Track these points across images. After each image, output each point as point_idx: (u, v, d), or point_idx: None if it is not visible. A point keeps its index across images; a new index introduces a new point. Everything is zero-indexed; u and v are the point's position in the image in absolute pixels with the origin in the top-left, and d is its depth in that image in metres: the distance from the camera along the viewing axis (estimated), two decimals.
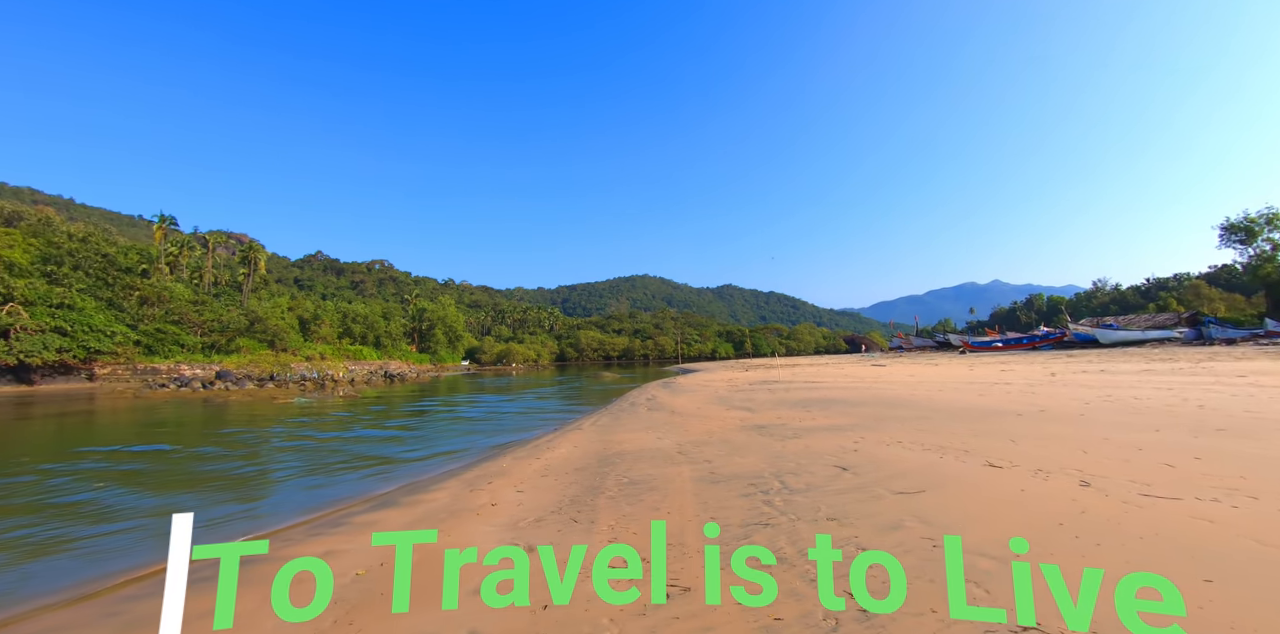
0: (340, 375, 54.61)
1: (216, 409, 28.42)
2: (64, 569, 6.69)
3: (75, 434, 20.17)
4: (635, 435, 13.85)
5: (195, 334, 60.49)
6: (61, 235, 61.44)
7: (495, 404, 30.42)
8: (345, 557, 6.28)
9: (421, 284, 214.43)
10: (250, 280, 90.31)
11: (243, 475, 12.25)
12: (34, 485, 11.44)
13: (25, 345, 43.76)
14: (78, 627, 4.95)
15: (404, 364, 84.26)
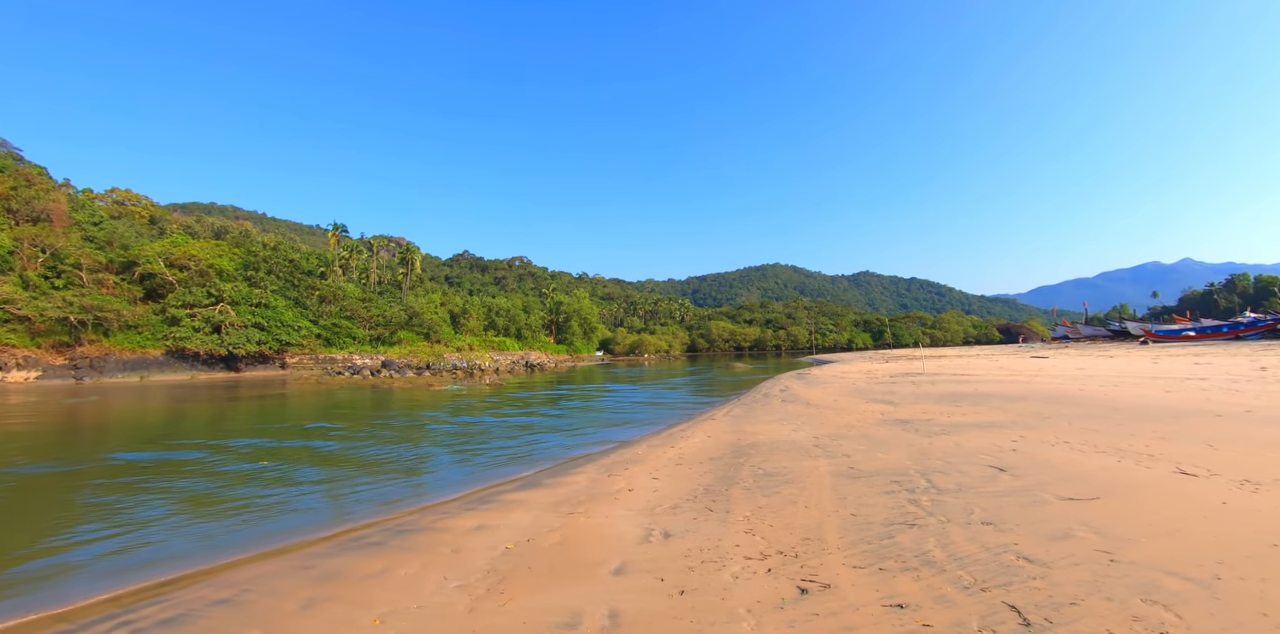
0: (486, 365, 58.54)
1: (383, 394, 31.47)
2: (266, 528, 7.72)
3: (273, 413, 23.16)
4: (769, 427, 13.62)
5: (364, 328, 67.48)
6: (257, 245, 71.20)
7: (629, 393, 31.17)
8: (495, 531, 6.73)
9: (558, 278, 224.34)
10: (408, 279, 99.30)
11: (405, 454, 13.47)
12: (238, 456, 13.31)
13: (233, 338, 51.15)
14: (279, 576, 5.70)
15: (543, 354, 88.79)
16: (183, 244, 56.92)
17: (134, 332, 48.30)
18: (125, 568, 6.54)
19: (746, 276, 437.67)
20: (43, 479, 11.34)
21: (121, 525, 7.99)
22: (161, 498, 9.44)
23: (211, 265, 54.97)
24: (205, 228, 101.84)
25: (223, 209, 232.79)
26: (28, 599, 5.67)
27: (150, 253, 53.40)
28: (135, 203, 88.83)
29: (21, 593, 5.82)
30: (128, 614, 4.99)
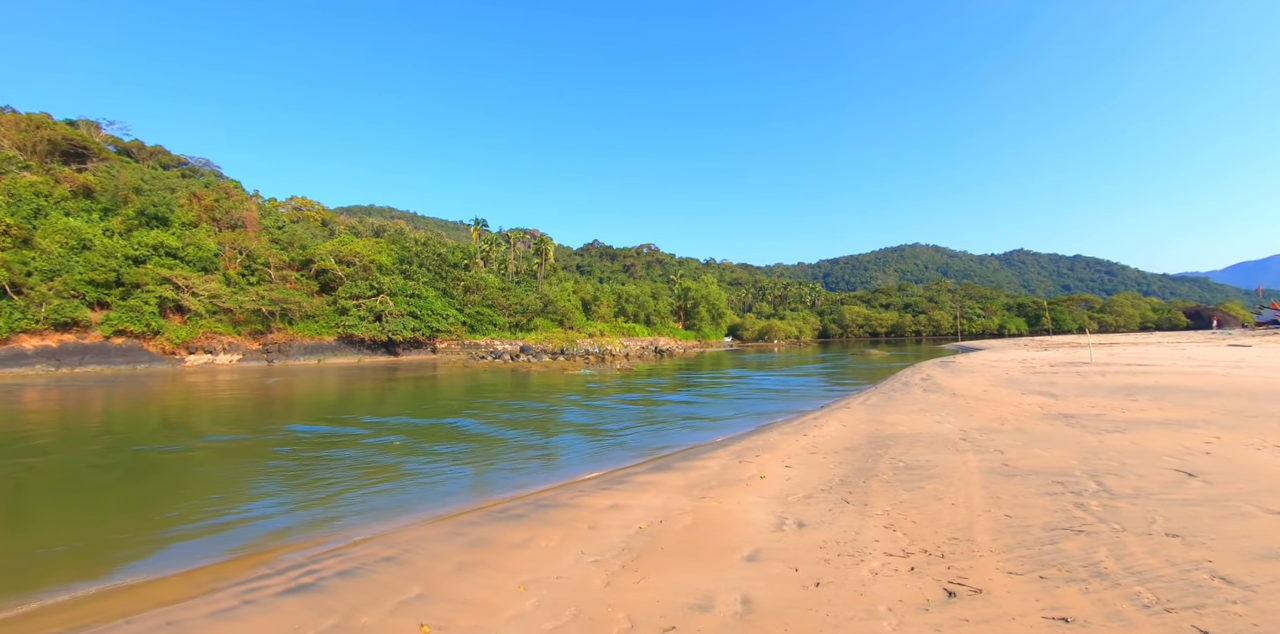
0: (617, 350, 60.17)
1: (521, 377, 33.33)
2: (421, 496, 8.47)
3: (426, 393, 25.29)
4: (910, 417, 12.89)
5: (503, 315, 71.78)
6: (410, 241, 77.83)
7: (758, 379, 30.76)
8: (629, 511, 6.93)
9: (685, 264, 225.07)
10: (542, 268, 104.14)
11: (542, 433, 14.19)
12: (398, 431, 14.68)
13: (392, 326, 56.42)
14: (436, 541, 6.25)
15: (671, 340, 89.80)
16: (349, 243, 63.36)
17: (312, 320, 54.58)
18: (307, 524, 7.49)
19: (882, 258, 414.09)
20: (239, 445, 13.19)
21: (302, 488, 9.12)
22: (334, 466, 10.63)
23: (373, 261, 60.74)
24: (366, 228, 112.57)
25: (380, 210, 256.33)
26: (230, 543, 6.67)
27: (323, 251, 59.97)
28: (310, 208, 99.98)
29: (226, 538, 6.85)
30: (313, 564, 5.73)
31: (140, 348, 44.24)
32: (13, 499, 9.12)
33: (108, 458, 12.31)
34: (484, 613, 4.33)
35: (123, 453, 12.83)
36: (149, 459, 12.32)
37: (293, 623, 4.34)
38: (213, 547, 6.79)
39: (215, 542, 6.96)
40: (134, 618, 4.71)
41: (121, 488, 9.77)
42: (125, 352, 43.38)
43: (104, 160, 61.98)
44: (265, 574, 5.59)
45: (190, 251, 50.68)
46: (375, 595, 4.76)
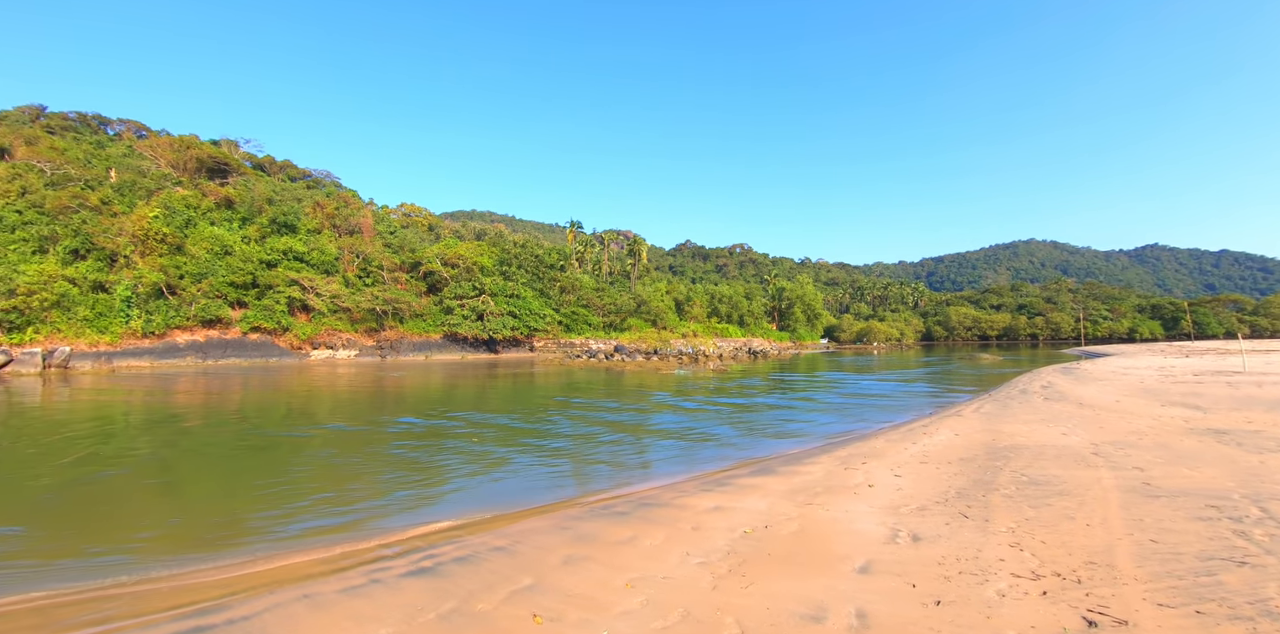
0: (710, 351, 59.82)
1: (616, 376, 33.78)
2: (524, 487, 8.73)
3: (524, 390, 26.14)
4: (1030, 428, 11.99)
5: (598, 315, 73.11)
6: (509, 244, 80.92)
7: (857, 383, 29.65)
8: (733, 514, 6.84)
9: (779, 264, 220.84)
10: (635, 269, 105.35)
11: (638, 432, 14.28)
12: (499, 425, 15.23)
13: (492, 325, 58.84)
14: (543, 533, 6.44)
15: (765, 341, 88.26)
16: (453, 246, 66.64)
17: (420, 319, 57.79)
18: (420, 509, 7.91)
19: (993, 255, 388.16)
20: (358, 434, 14.11)
21: (414, 476, 9.63)
22: (442, 456, 11.16)
23: (475, 263, 63.58)
24: (469, 231, 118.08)
25: (481, 214, 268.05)
26: (353, 524, 7.13)
27: (430, 254, 63.40)
28: (418, 214, 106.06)
29: (349, 519, 7.33)
30: (431, 549, 6.05)
31: (272, 343, 48.47)
32: (164, 474, 10.19)
33: (243, 440, 13.55)
34: (593, 607, 4.39)
35: (255, 437, 14.07)
36: (278, 443, 13.45)
37: (415, 603, 4.60)
38: (338, 527, 7.31)
39: (340, 522, 7.48)
40: (276, 590, 5.15)
41: (255, 468, 10.70)
42: (259, 346, 47.67)
43: (242, 175, 68.42)
44: (387, 556, 5.96)
45: (314, 256, 55.07)
46: (489, 583, 4.95)
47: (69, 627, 4.75)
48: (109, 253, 45.65)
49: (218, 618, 4.60)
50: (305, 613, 4.59)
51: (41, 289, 39.74)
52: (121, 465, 11.10)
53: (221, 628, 4.41)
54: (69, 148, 60.09)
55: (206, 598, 5.12)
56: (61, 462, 11.15)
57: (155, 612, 4.87)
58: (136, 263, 45.47)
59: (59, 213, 46.57)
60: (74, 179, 51.42)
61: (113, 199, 50.20)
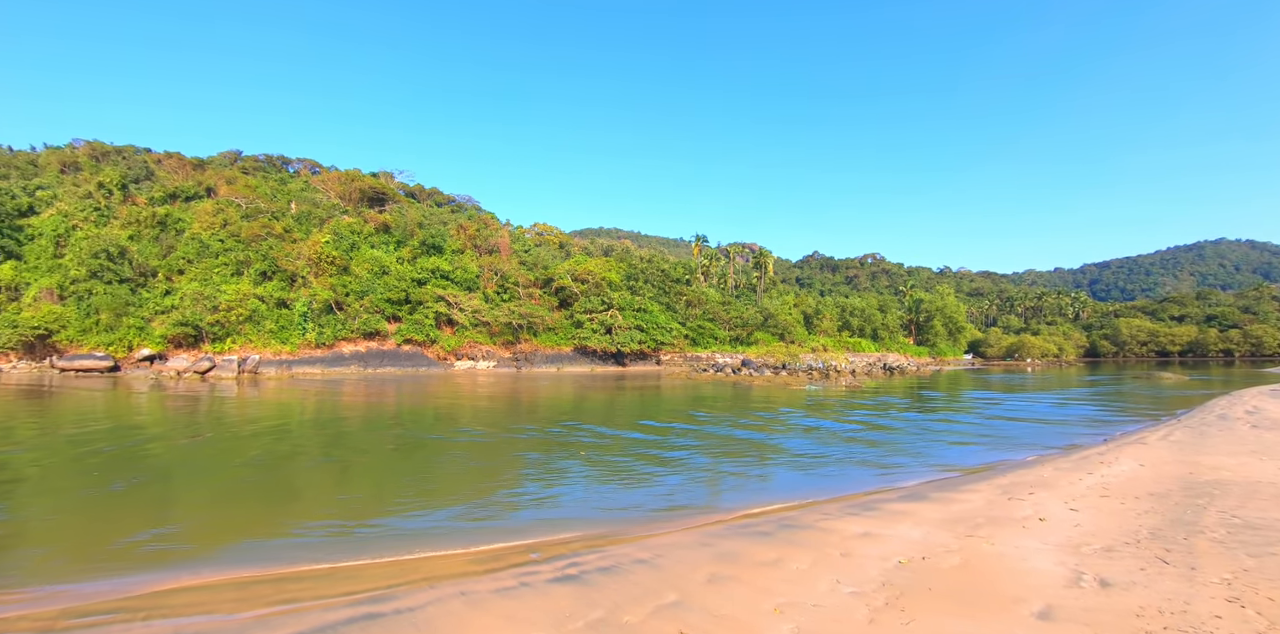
0: (842, 366, 57.35)
1: (743, 391, 33.18)
2: (658, 501, 8.65)
3: (651, 402, 26.31)
4: (1236, 461, 10.27)
5: (724, 329, 72.59)
6: (636, 259, 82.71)
7: (1010, 403, 27.05)
8: (884, 541, 6.35)
9: (915, 274, 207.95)
10: (762, 282, 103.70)
11: (768, 448, 13.82)
12: (627, 440, 15.32)
13: (620, 338, 60.25)
14: (685, 548, 6.33)
15: (902, 356, 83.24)
16: (583, 262, 69.15)
17: (552, 332, 60.28)
18: (557, 516, 8.05)
19: (1172, 259, 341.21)
20: (499, 441, 14.77)
21: (550, 482, 9.87)
22: (573, 464, 11.37)
23: (603, 278, 65.52)
24: (597, 248, 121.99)
25: (608, 231, 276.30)
26: (499, 526, 7.38)
27: (561, 271, 66.16)
28: (549, 233, 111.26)
29: (495, 521, 7.60)
30: (575, 557, 6.14)
31: (422, 354, 52.54)
32: (331, 470, 11.18)
33: (397, 441, 14.64)
34: (740, 630, 4.23)
35: (407, 438, 15.16)
36: (426, 444, 14.40)
37: (564, 610, 4.65)
38: (484, 528, 7.62)
39: (487, 523, 7.80)
40: (436, 584, 5.44)
41: (406, 467, 11.48)
42: (411, 356, 51.82)
43: (396, 202, 75.35)
44: (534, 560, 6.12)
45: (458, 274, 59.35)
46: (635, 596, 4.91)
47: (264, 603, 5.29)
48: (290, 274, 51.85)
49: (386, 607, 4.92)
50: (463, 609, 4.78)
51: (238, 306, 45.97)
52: (296, 460, 12.36)
53: (390, 617, 4.71)
54: (259, 185, 69.15)
55: (375, 587, 5.52)
56: (250, 455, 12.60)
57: (333, 596, 5.32)
58: (311, 282, 51.29)
59: (251, 240, 53.66)
60: (263, 211, 59.10)
61: (293, 228, 57.17)
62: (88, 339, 43.67)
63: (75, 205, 56.64)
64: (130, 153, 78.57)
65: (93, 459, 12.36)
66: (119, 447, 13.74)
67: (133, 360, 43.25)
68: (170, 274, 51.26)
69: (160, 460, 12.47)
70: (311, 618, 4.81)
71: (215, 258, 52.15)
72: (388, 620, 4.64)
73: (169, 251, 53.15)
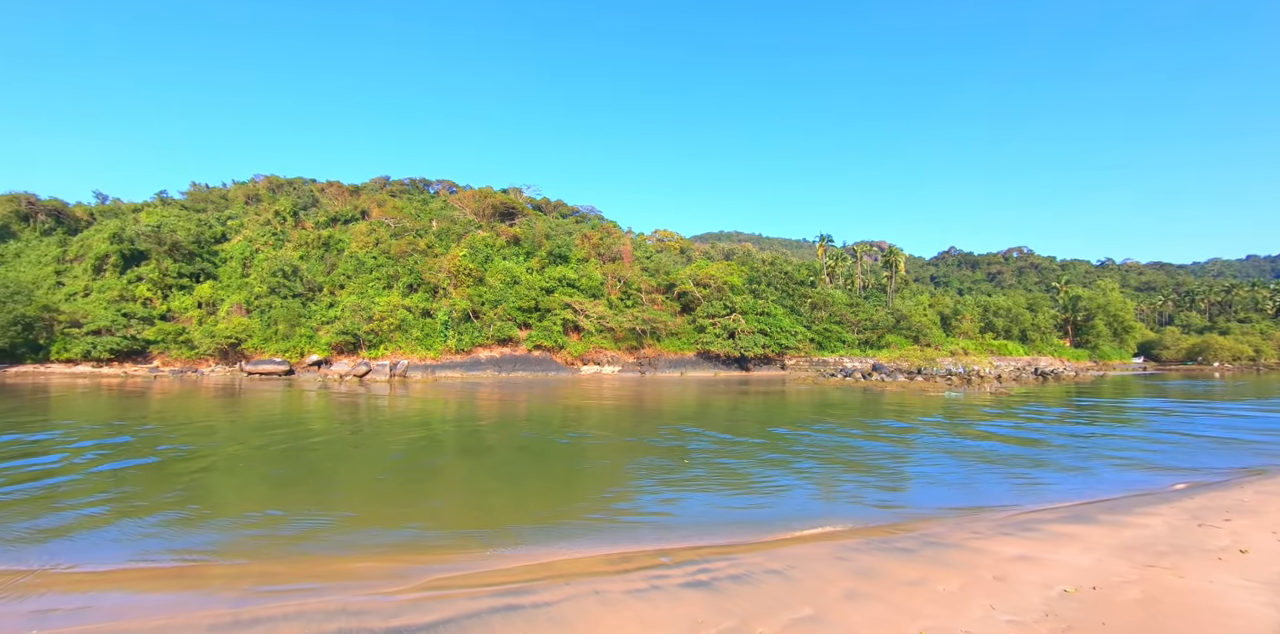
0: (985, 370, 53.00)
1: (874, 397, 31.58)
2: (785, 511, 8.39)
3: (776, 408, 25.70)
4: None
5: (852, 332, 69.59)
6: (758, 262, 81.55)
7: (1190, 414, 23.73)
8: (1045, 566, 5.78)
9: (1069, 268, 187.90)
10: (892, 282, 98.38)
11: (903, 459, 13.00)
12: (752, 445, 15.00)
13: (743, 343, 59.53)
14: (818, 560, 6.09)
15: (1056, 360, 75.47)
16: (704, 267, 69.16)
17: (675, 337, 60.70)
18: (681, 521, 8.01)
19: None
20: (623, 444, 15.03)
21: (673, 486, 9.86)
22: (698, 471, 11.30)
23: (725, 282, 65.14)
24: (718, 252, 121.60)
25: (729, 234, 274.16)
26: (626, 528, 7.48)
27: (683, 276, 66.53)
28: (670, 238, 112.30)
29: (622, 523, 7.71)
30: (705, 563, 6.11)
31: (550, 359, 54.81)
32: (469, 466, 11.87)
33: (529, 442, 15.31)
34: None
35: (539, 440, 15.81)
36: (557, 446, 14.94)
37: (695, 616, 4.64)
38: (613, 529, 7.76)
39: (615, 524, 7.95)
40: (571, 581, 5.63)
41: (539, 467, 11.95)
42: (540, 362, 54.21)
43: (525, 216, 79.19)
44: (665, 564, 6.16)
45: (583, 282, 61.47)
46: (768, 607, 4.81)
47: (420, 586, 5.75)
48: (432, 286, 56.19)
49: (525, 600, 5.17)
50: (597, 607, 4.91)
51: (389, 316, 50.47)
52: (440, 457, 13.28)
53: (529, 609, 4.94)
54: (405, 206, 75.45)
55: (515, 580, 5.82)
56: (400, 451, 13.70)
57: (478, 586, 5.69)
58: (451, 293, 55.26)
59: (399, 256, 58.74)
60: (409, 230, 64.48)
61: (434, 243, 61.95)
62: (268, 346, 49.82)
63: (257, 231, 65.07)
64: (299, 183, 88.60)
65: (262, 453, 14.00)
66: (290, 444, 15.46)
67: (304, 365, 48.73)
68: (333, 288, 57.29)
69: (325, 453, 13.89)
70: (459, 605, 5.14)
71: (370, 273, 57.76)
72: (527, 612, 4.85)
73: (332, 268, 59.47)
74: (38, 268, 59.34)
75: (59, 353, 47.77)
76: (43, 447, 14.80)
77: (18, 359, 47.66)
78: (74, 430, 17.46)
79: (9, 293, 46.62)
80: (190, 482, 10.93)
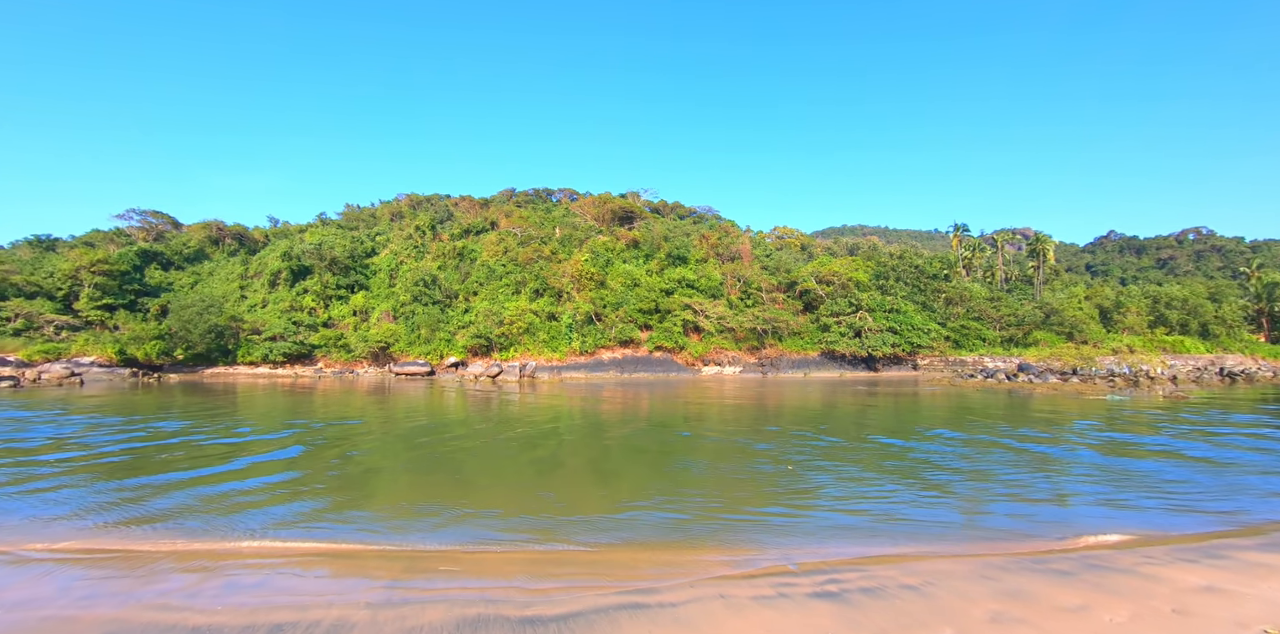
0: (1156, 371, 47.03)
1: (1020, 400, 29.01)
2: (919, 524, 7.92)
3: (907, 412, 24.29)
4: None
5: (993, 328, 64.26)
6: (885, 256, 77.57)
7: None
8: (1238, 601, 5.09)
9: (1263, 250, 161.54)
10: (1040, 272, 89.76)
11: (1055, 470, 11.85)
12: (879, 450, 14.26)
13: (871, 342, 56.80)
14: (960, 578, 5.72)
15: (1248, 358, 65.33)
16: (826, 263, 66.83)
17: (797, 337, 59.11)
18: (809, 529, 7.78)
19: None
20: (742, 446, 14.84)
21: (801, 493, 9.60)
22: (819, 477, 10.93)
23: (850, 278, 62.52)
24: (841, 247, 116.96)
25: (852, 229, 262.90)
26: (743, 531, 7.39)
27: (804, 273, 64.71)
28: (790, 235, 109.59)
29: (747, 532, 7.62)
30: (833, 572, 5.93)
31: (671, 360, 55.26)
32: (596, 463, 12.23)
33: (652, 441, 15.51)
34: None
35: (663, 439, 15.97)
36: (680, 446, 15.02)
37: (824, 626, 4.54)
38: (736, 531, 7.71)
39: (738, 527, 7.89)
40: (696, 583, 5.68)
41: (662, 467, 12.09)
42: (661, 362, 54.80)
43: (643, 219, 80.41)
44: (790, 572, 6.05)
45: (702, 282, 61.47)
46: (903, 624, 4.62)
47: (547, 578, 6.03)
48: (557, 290, 58.55)
49: (650, 599, 5.28)
50: (723, 612, 4.92)
51: (518, 320, 53.24)
52: (568, 453, 13.80)
53: (654, 609, 5.04)
54: (529, 215, 79.16)
55: (640, 577, 5.95)
56: (529, 447, 14.38)
57: (604, 579, 5.90)
58: (574, 297, 57.30)
59: (526, 263, 61.76)
60: (534, 238, 67.67)
61: (558, 250, 64.58)
62: (413, 349, 54.20)
63: (401, 245, 71.08)
64: (435, 199, 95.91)
65: (417, 451, 15.19)
66: (435, 437, 16.70)
67: (443, 366, 52.57)
68: (467, 295, 61.33)
69: (467, 447, 14.87)
70: (587, 599, 5.34)
71: (499, 280, 61.31)
72: (653, 612, 4.94)
73: (466, 277, 63.69)
74: (226, 284, 68.31)
75: (243, 356, 54.67)
76: (233, 443, 17.01)
77: (212, 362, 55.03)
78: (260, 422, 19.93)
79: (205, 306, 54.00)
80: (351, 470, 12.14)
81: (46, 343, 51.03)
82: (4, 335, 51.20)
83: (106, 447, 15.64)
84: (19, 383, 40.74)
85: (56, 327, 53.74)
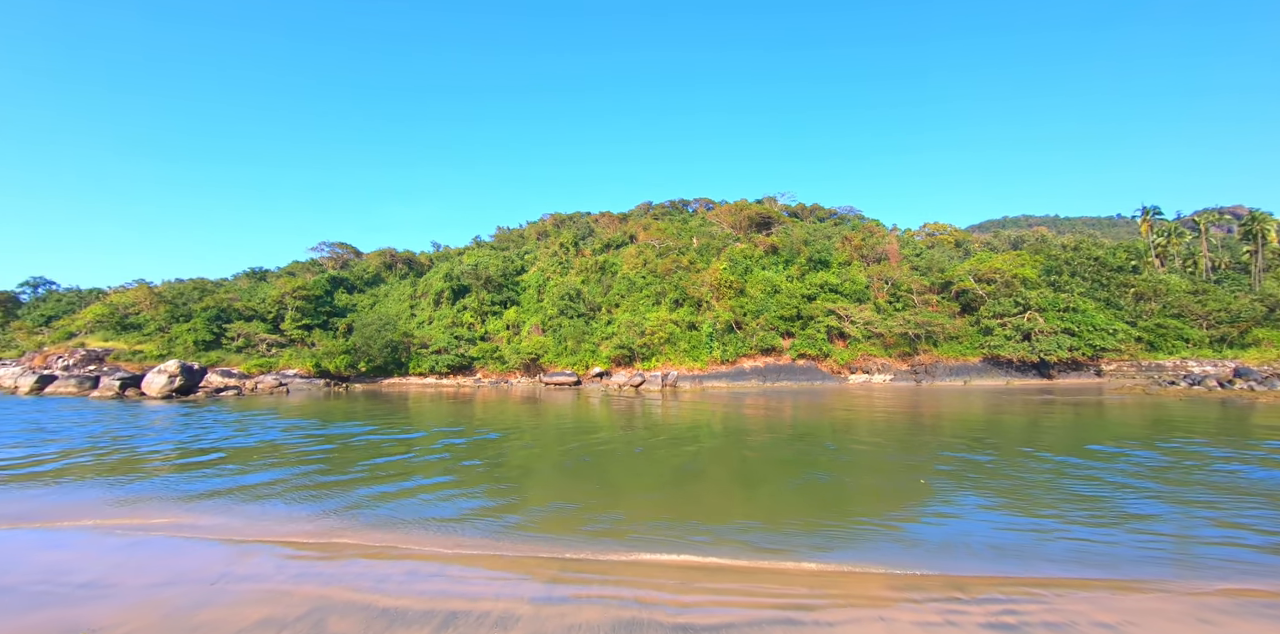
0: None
1: (1239, 411, 24.84)
2: (1118, 555, 7.11)
3: (1092, 425, 21.67)
4: None
5: (1199, 327, 55.37)
6: (1056, 248, 69.79)
7: None
8: None
9: None
10: (1258, 259, 75.91)
11: (1277, 504, 10.07)
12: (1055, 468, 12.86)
13: (1043, 345, 51.18)
14: (1168, 618, 5.12)
15: None
16: (986, 260, 61.40)
17: (955, 341, 54.83)
18: (976, 552, 7.26)
19: None
20: (894, 461, 14.05)
21: (965, 513, 8.94)
22: (987, 495, 10.09)
23: (1015, 275, 56.99)
24: (1002, 241, 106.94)
25: (1015, 220, 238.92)
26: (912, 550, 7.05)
27: (960, 272, 59.98)
28: (942, 232, 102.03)
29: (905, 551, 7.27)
30: (1011, 603, 5.56)
31: (815, 368, 53.49)
32: (739, 475, 12.18)
33: (795, 450, 15.16)
34: None
35: (810, 450, 15.56)
36: (827, 458, 14.55)
37: None
38: (893, 549, 7.40)
39: (896, 546, 7.56)
40: (853, 604, 5.59)
41: (809, 478, 11.79)
42: (805, 370, 53.22)
43: (781, 224, 78.89)
44: (959, 598, 5.73)
45: (846, 286, 59.02)
46: None
47: (701, 590, 6.17)
48: (696, 300, 59.01)
49: (805, 616, 5.26)
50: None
51: (659, 330, 54.27)
52: (714, 463, 13.87)
53: (809, 626, 5.04)
54: (666, 227, 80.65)
55: (793, 594, 5.94)
56: (675, 454, 14.63)
57: (759, 595, 5.97)
58: (714, 306, 57.40)
59: (665, 274, 62.93)
60: (672, 249, 68.81)
61: (696, 259, 65.18)
62: (560, 360, 57.08)
63: (547, 262, 75.46)
64: (577, 217, 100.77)
65: (568, 457, 15.99)
66: (584, 444, 17.50)
67: (588, 376, 54.84)
68: (609, 308, 63.61)
69: (616, 455, 15.44)
70: (740, 613, 5.42)
71: (640, 291, 63.00)
72: (808, 630, 4.91)
73: (608, 290, 66.14)
74: (398, 304, 76.18)
75: (413, 368, 60.60)
76: (407, 445, 18.93)
77: (388, 373, 61.54)
78: (431, 427, 22.03)
79: (382, 324, 60.64)
80: (509, 473, 13.09)
81: (260, 358, 59.89)
82: (230, 352, 60.82)
83: (306, 446, 18.11)
84: (241, 391, 48.44)
85: (268, 344, 62.91)
